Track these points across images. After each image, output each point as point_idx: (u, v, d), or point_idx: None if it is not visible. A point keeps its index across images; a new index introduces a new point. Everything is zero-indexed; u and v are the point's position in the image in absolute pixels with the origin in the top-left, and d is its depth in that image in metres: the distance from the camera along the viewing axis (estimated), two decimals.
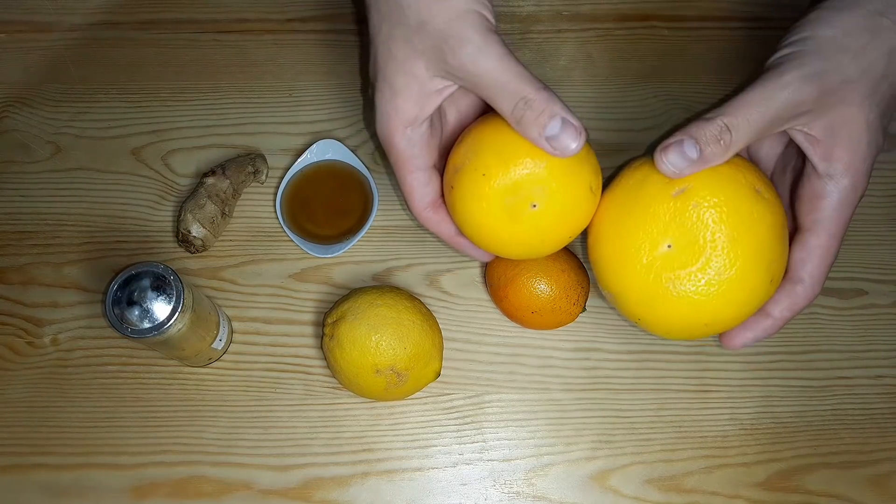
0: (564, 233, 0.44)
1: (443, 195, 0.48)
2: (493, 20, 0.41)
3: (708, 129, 0.40)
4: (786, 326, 0.55)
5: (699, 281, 0.39)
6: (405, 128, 0.44)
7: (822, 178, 0.42)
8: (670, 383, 0.55)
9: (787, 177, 0.47)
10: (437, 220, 0.48)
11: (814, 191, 0.43)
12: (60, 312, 0.55)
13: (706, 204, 0.39)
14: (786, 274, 0.44)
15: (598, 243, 0.43)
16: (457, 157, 0.44)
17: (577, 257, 0.53)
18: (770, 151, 0.48)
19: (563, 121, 0.40)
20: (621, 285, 0.42)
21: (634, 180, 0.42)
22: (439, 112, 0.47)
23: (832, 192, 0.42)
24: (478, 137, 0.44)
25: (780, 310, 0.45)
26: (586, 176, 0.43)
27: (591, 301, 0.55)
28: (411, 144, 0.45)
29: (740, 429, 0.54)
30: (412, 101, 0.43)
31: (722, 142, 0.40)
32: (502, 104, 0.41)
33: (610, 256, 0.42)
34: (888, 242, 0.58)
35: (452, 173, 0.44)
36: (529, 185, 0.41)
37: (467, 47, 0.40)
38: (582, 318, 0.55)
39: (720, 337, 0.46)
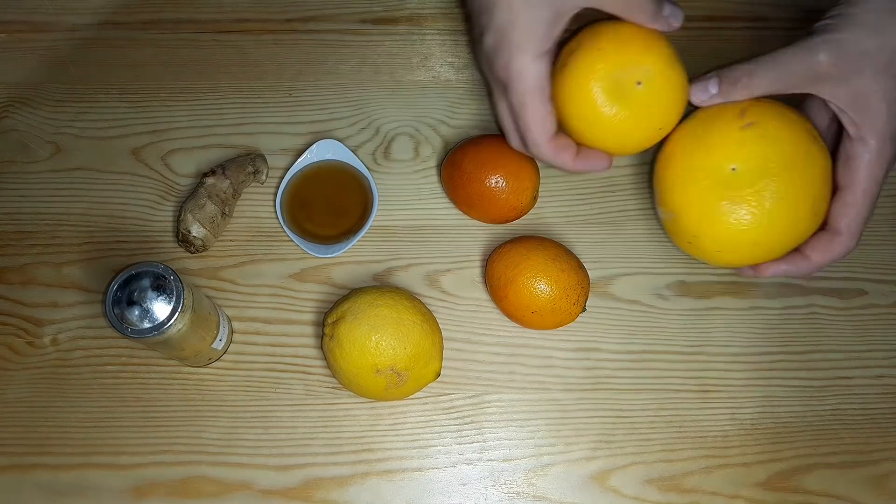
0: (656, 122, 0.48)
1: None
2: None
3: (733, 72, 0.48)
4: (786, 326, 0.55)
5: (752, 202, 0.45)
6: (544, 53, 0.47)
7: (854, 141, 0.47)
8: (670, 383, 0.55)
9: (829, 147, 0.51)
10: (559, 147, 0.49)
11: (847, 154, 0.48)
12: (60, 312, 0.55)
13: (771, 136, 0.45)
14: (826, 225, 0.49)
15: (668, 163, 0.48)
16: (572, 43, 0.49)
17: (577, 258, 0.53)
18: (820, 123, 0.51)
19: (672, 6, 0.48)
20: (686, 202, 0.47)
21: (707, 114, 0.48)
22: None
23: (862, 154, 0.47)
24: (592, 30, 0.48)
25: (817, 254, 0.49)
26: (684, 73, 0.48)
27: (591, 301, 0.55)
28: (544, 74, 0.47)
29: (740, 429, 0.54)
30: (550, 25, 0.46)
31: (740, 83, 0.47)
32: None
33: (679, 175, 0.47)
34: (888, 242, 0.58)
35: (567, 54, 0.48)
36: (637, 65, 0.47)
37: None
38: (582, 318, 0.55)
39: (755, 267, 0.50)
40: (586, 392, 0.55)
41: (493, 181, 0.54)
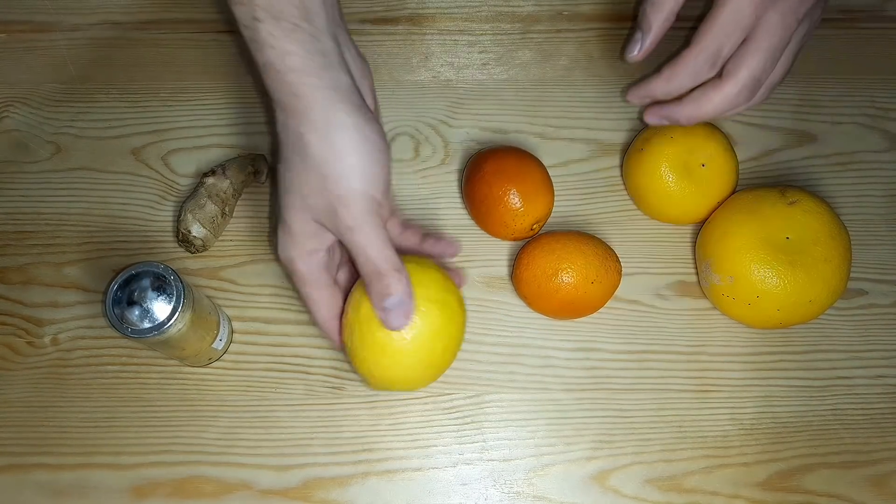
0: (716, 197, 0.55)
1: (342, 314, 0.48)
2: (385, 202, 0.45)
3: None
4: (787, 327, 0.55)
5: (808, 265, 0.51)
6: (307, 255, 0.46)
7: None
8: (670, 383, 0.55)
9: None
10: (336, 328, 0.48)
11: None
12: (60, 312, 0.55)
13: (813, 211, 0.52)
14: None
15: (726, 234, 0.53)
16: (647, 132, 0.56)
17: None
18: None
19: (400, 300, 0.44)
20: (748, 267, 0.52)
21: (753, 195, 0.54)
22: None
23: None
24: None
25: (698, 96, 0.50)
26: (736, 157, 0.56)
27: None
28: (312, 269, 0.46)
29: (740, 429, 0.54)
30: (310, 237, 0.45)
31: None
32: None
33: (739, 244, 0.52)
34: (888, 242, 0.58)
35: (643, 141, 0.56)
36: (702, 150, 0.55)
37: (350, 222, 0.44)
38: (582, 318, 0.55)
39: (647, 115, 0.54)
40: (586, 392, 0.55)
41: (510, 198, 0.53)
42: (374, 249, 0.44)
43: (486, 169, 0.54)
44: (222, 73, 0.61)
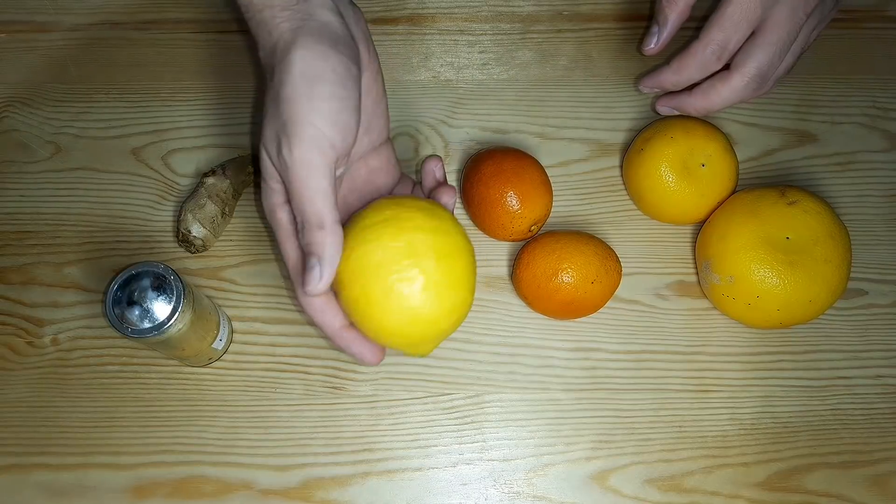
0: (715, 197, 0.55)
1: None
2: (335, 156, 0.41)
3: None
4: (787, 327, 0.55)
5: (808, 265, 0.51)
6: (285, 203, 0.44)
7: None
8: (670, 383, 0.55)
9: None
10: (323, 304, 0.44)
11: None
12: (60, 312, 0.55)
13: (812, 211, 0.52)
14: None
15: (726, 234, 0.53)
16: (647, 132, 0.56)
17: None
18: None
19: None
20: (748, 267, 0.52)
21: (753, 195, 0.54)
22: None
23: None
24: (663, 122, 0.56)
25: (706, 88, 0.53)
26: (736, 158, 0.56)
27: None
28: (293, 220, 0.43)
29: (740, 429, 0.54)
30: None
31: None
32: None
33: (740, 244, 0.52)
34: (888, 242, 0.58)
35: (643, 141, 0.56)
36: (702, 150, 0.55)
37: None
38: (582, 318, 0.55)
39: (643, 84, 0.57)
40: (586, 392, 0.55)
41: (509, 200, 0.53)
42: (307, 193, 0.40)
43: (483, 170, 0.54)
44: (222, 73, 0.61)
